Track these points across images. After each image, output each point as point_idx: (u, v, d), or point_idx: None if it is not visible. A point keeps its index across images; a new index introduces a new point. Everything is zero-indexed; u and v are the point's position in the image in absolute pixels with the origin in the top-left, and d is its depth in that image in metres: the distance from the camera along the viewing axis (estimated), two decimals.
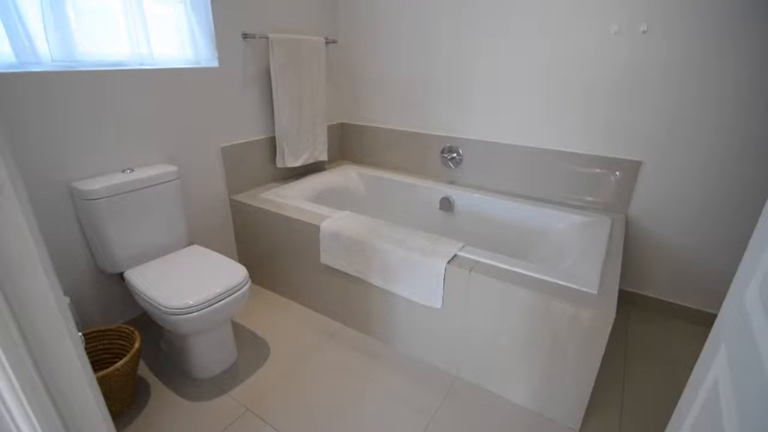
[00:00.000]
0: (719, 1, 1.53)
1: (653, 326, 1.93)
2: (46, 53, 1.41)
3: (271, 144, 2.20)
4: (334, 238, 1.68)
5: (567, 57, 1.86)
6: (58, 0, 1.40)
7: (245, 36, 1.90)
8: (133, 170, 1.57)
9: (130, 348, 1.46)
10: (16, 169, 0.47)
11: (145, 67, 1.61)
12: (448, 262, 1.44)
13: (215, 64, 1.83)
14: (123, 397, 1.38)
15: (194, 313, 1.33)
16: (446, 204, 2.27)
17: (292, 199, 2.01)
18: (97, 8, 1.51)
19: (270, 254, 2.02)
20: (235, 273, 1.48)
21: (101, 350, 1.48)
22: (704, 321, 1.93)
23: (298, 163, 2.27)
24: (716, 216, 1.78)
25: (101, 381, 1.22)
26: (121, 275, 1.54)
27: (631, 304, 2.07)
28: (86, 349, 1.24)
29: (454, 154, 2.31)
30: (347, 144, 2.74)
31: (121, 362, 1.31)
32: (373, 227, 1.69)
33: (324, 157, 2.44)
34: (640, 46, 1.71)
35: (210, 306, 1.36)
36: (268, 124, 2.17)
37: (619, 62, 1.76)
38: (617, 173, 1.90)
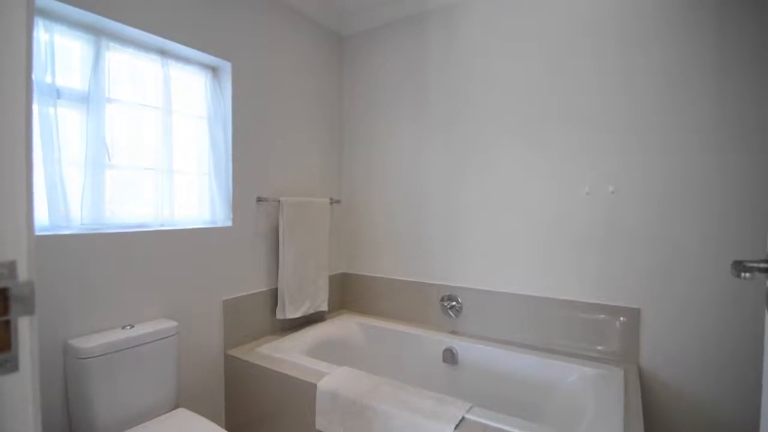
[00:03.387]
0: (678, 163, 1.77)
1: None
2: (77, 217, 1.56)
3: (273, 295, 2.24)
4: (332, 399, 1.57)
5: (552, 212, 2.04)
6: (99, 172, 1.61)
7: (259, 200, 2.12)
8: (133, 326, 1.56)
9: None
10: (37, 343, 0.50)
11: (164, 228, 1.76)
12: (456, 427, 1.33)
13: (229, 224, 2.00)
14: None
15: None
16: (449, 356, 2.18)
17: (288, 354, 1.94)
18: (131, 178, 1.73)
19: (261, 418, 1.85)
20: None
21: None
22: None
23: (298, 314, 2.27)
24: (727, 365, 1.70)
25: None
26: None
27: None
28: None
29: (454, 303, 2.33)
30: (348, 293, 2.78)
31: None
32: (373, 385, 1.59)
33: (324, 307, 2.45)
34: (612, 204, 1.90)
35: None
36: (272, 277, 2.24)
37: (597, 218, 1.94)
38: (622, 319, 1.89)
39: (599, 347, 1.94)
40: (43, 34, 1.44)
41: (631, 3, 1.84)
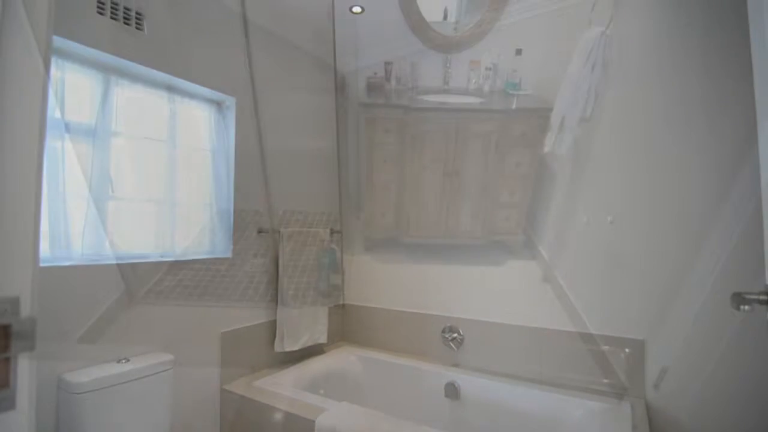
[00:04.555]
0: (676, 192, 1.79)
1: None
2: (78, 248, 1.56)
3: (271, 327, 2.21)
4: None
5: (552, 242, 2.05)
6: (102, 203, 1.63)
7: (260, 231, 2.13)
8: (128, 360, 1.53)
9: None
10: (35, 380, 0.49)
11: (164, 259, 1.76)
12: None
13: (229, 255, 2.00)
14: None
15: None
16: (452, 390, 2.12)
17: (286, 388, 1.89)
18: (133, 209, 1.74)
19: None
20: None
21: None
22: None
23: (296, 347, 2.23)
24: (733, 397, 1.65)
25: None
26: None
27: None
28: None
29: (455, 334, 2.29)
30: (348, 324, 2.74)
31: None
32: (373, 422, 1.55)
33: (323, 339, 2.41)
34: (611, 234, 1.91)
35: None
36: (271, 309, 2.22)
37: (597, 248, 1.94)
38: (626, 350, 1.85)
39: (605, 380, 1.90)
40: (54, 72, 1.49)
41: (628, 36, 1.90)
